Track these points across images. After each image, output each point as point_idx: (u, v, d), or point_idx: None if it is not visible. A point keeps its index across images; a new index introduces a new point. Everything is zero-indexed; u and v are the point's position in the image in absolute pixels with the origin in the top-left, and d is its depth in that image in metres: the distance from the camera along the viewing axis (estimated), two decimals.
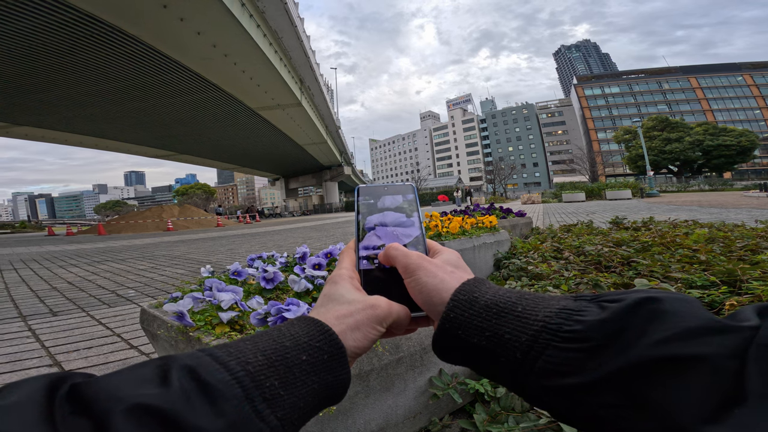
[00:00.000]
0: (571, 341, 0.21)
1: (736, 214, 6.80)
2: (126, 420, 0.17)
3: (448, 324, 0.27)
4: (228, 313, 0.83)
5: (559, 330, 0.22)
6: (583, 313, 0.22)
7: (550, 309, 0.23)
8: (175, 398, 0.18)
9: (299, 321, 0.27)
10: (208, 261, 5.23)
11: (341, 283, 0.32)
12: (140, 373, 0.20)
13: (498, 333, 0.24)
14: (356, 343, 0.27)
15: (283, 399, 0.22)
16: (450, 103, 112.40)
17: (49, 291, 3.56)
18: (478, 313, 0.26)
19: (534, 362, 0.22)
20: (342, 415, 0.82)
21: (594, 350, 0.20)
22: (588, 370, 0.20)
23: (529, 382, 0.23)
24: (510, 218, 3.99)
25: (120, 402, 0.17)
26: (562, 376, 0.21)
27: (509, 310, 0.25)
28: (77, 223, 30.63)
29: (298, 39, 18.60)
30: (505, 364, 0.24)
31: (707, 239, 2.16)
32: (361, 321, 0.28)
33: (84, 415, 0.17)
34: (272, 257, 1.43)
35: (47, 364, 1.74)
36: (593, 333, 0.20)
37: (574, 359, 0.20)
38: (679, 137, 42.72)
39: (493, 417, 0.84)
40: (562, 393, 0.21)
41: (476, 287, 0.28)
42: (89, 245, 9.84)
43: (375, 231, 0.37)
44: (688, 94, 72.31)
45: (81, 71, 15.98)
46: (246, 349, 0.23)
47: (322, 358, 0.25)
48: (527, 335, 0.23)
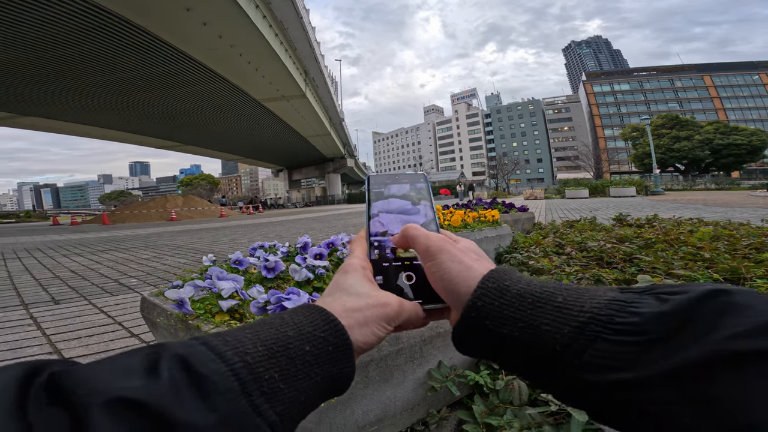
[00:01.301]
0: (625, 333, 0.20)
1: (741, 213, 6.73)
2: (105, 415, 0.15)
3: (475, 313, 0.25)
4: (228, 301, 0.83)
5: (610, 322, 0.20)
6: (638, 304, 0.20)
7: (597, 300, 0.22)
8: (162, 391, 0.17)
9: (303, 309, 0.26)
10: (210, 251, 5.26)
11: (352, 274, 0.30)
12: (126, 362, 0.18)
13: (533, 324, 0.23)
14: (364, 338, 0.26)
15: (283, 393, 0.21)
16: (454, 97, 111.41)
17: (52, 279, 3.59)
18: (509, 303, 0.24)
19: (577, 356, 0.21)
20: (341, 405, 0.82)
21: (652, 344, 0.19)
22: (644, 364, 0.19)
23: (568, 377, 0.21)
24: (512, 213, 3.98)
25: (100, 395, 0.16)
26: (612, 371, 0.19)
27: (547, 300, 0.23)
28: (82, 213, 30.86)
29: (303, 30, 18.50)
30: (539, 358, 0.22)
31: (712, 237, 2.14)
32: (371, 318, 0.27)
33: (60, 407, 0.16)
34: (274, 247, 1.43)
35: (47, 351, 1.76)
36: (652, 326, 0.19)
37: (628, 353, 0.19)
38: (688, 135, 42.27)
39: (491, 410, 0.85)
40: (607, 388, 0.20)
41: (506, 275, 0.26)
42: (93, 234, 9.92)
43: (378, 218, 0.36)
44: (700, 93, 71.29)
45: (88, 62, 15.99)
46: (245, 338, 0.21)
47: (327, 349, 0.23)
48: (570, 327, 0.21)
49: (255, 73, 19.10)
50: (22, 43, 13.76)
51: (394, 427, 0.98)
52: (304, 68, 22.66)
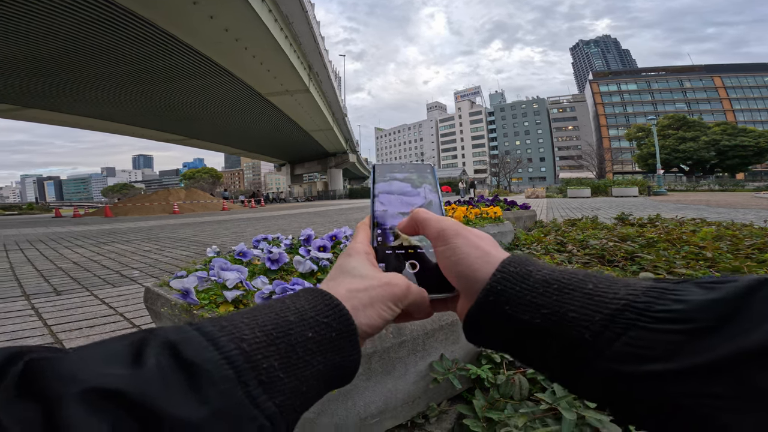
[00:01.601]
0: (667, 322, 0.18)
1: (744, 214, 6.71)
2: (78, 406, 0.14)
3: (493, 297, 0.24)
4: (233, 292, 0.83)
5: (648, 309, 0.19)
6: (681, 292, 0.19)
7: (633, 288, 0.20)
8: (146, 380, 0.15)
9: (306, 293, 0.24)
10: (212, 243, 5.28)
11: (355, 257, 0.29)
12: (111, 348, 0.17)
13: (559, 311, 0.21)
14: (369, 321, 0.25)
15: (282, 383, 0.19)
16: (458, 94, 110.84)
17: (54, 271, 3.60)
18: (532, 288, 0.23)
19: (609, 344, 0.19)
20: (342, 397, 0.83)
21: (698, 333, 0.17)
22: (687, 354, 0.17)
23: (594, 368, 0.20)
24: (514, 210, 3.97)
25: (75, 384, 0.14)
26: (647, 361, 0.18)
27: (576, 287, 0.22)
28: (84, 206, 30.94)
29: (308, 24, 18.48)
30: (562, 346, 0.21)
31: (715, 237, 2.14)
32: (376, 297, 0.25)
33: (33, 399, 0.14)
34: (277, 239, 1.44)
35: (48, 342, 1.77)
36: (699, 314, 0.18)
37: (668, 342, 0.18)
38: (694, 136, 42.01)
39: (491, 404, 0.85)
40: (641, 380, 0.18)
41: (528, 261, 0.25)
42: (95, 227, 9.97)
43: (378, 198, 0.35)
44: (710, 93, 70.46)
45: (93, 54, 15.97)
46: (242, 324, 0.20)
47: (330, 335, 0.22)
48: (602, 314, 0.20)
49: (260, 67, 19.08)
50: (26, 36, 13.74)
51: (394, 419, 0.99)
52: (308, 63, 22.61)
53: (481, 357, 1.04)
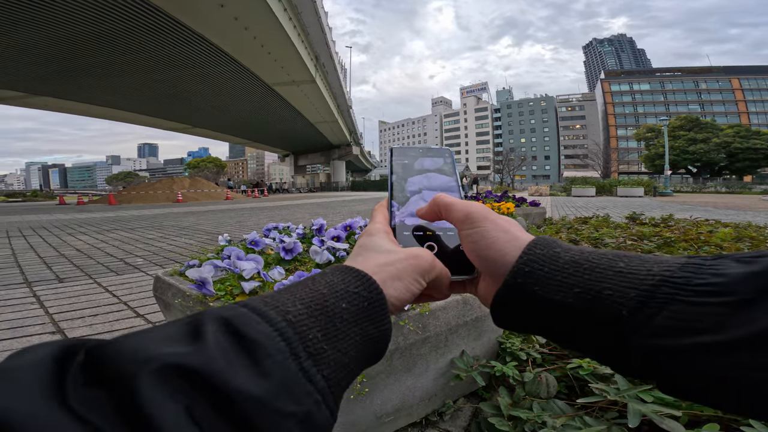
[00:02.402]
0: (709, 295, 0.18)
1: (753, 216, 6.62)
2: (155, 384, 0.14)
3: (522, 278, 0.23)
4: (250, 283, 0.80)
5: (687, 284, 0.19)
6: (719, 267, 0.19)
7: (667, 264, 0.20)
8: (211, 356, 0.15)
9: (334, 269, 0.24)
10: (217, 232, 5.27)
11: (377, 235, 0.29)
12: (167, 330, 0.17)
13: (593, 289, 0.21)
14: (397, 293, 0.24)
15: (327, 354, 0.19)
16: (464, 90, 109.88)
17: (57, 258, 3.58)
18: (562, 268, 0.23)
19: (649, 320, 0.19)
20: (360, 395, 0.80)
21: (741, 305, 0.17)
22: (731, 326, 0.17)
23: (636, 344, 0.20)
24: (523, 207, 3.93)
25: (147, 363, 0.14)
26: (692, 334, 0.18)
27: (606, 266, 0.22)
28: (89, 193, 31.01)
29: (316, 15, 18.34)
30: (599, 325, 0.21)
31: (734, 238, 2.08)
32: (403, 270, 0.25)
33: (102, 382, 0.14)
34: (288, 228, 1.40)
35: (50, 331, 1.74)
36: (741, 286, 0.18)
37: (712, 314, 0.18)
38: (705, 138, 41.53)
39: (516, 402, 0.82)
40: (686, 353, 0.18)
41: (555, 242, 0.25)
42: (99, 214, 9.99)
43: (422, 195, 0.34)
44: (725, 95, 69.09)
45: (103, 42, 15.92)
46: (283, 299, 0.20)
47: (363, 305, 0.22)
48: (638, 290, 0.20)
49: (267, 56, 19.02)
50: (41, 23, 13.68)
51: (409, 417, 0.96)
52: (315, 53, 22.46)
53: (504, 354, 1.00)
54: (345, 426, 0.82)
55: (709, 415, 0.65)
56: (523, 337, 1.03)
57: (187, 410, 0.14)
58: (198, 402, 0.14)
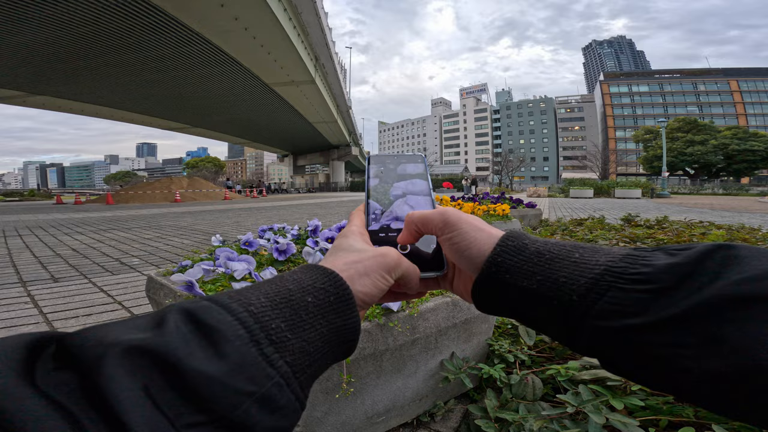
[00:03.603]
0: (638, 282, 0.21)
1: (749, 218, 6.66)
2: (119, 364, 0.15)
3: (495, 268, 0.27)
4: (241, 283, 0.81)
5: (624, 273, 0.22)
6: (649, 258, 0.22)
7: (612, 255, 0.24)
8: (171, 340, 0.17)
9: (302, 268, 0.26)
10: (214, 232, 5.26)
11: (351, 236, 0.31)
12: (134, 322, 0.18)
13: (551, 277, 0.24)
14: (365, 289, 0.26)
15: (291, 342, 0.21)
16: (464, 91, 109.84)
17: (53, 257, 3.58)
18: (528, 258, 0.26)
19: (593, 304, 0.22)
20: (351, 396, 0.80)
21: (662, 291, 0.20)
22: (654, 310, 0.20)
23: (583, 326, 0.23)
24: (520, 208, 3.94)
25: (111, 346, 0.16)
26: (624, 317, 0.21)
27: (564, 256, 0.25)
28: (86, 193, 30.87)
29: (316, 15, 18.34)
30: (556, 308, 0.24)
31: (726, 240, 2.10)
32: (370, 267, 0.27)
33: (69, 366, 0.15)
34: (283, 229, 1.41)
35: (44, 330, 1.74)
36: (663, 275, 0.21)
37: (640, 300, 0.21)
38: (703, 140, 41.62)
39: (503, 404, 0.83)
40: (620, 333, 0.21)
41: (524, 235, 0.28)
42: (96, 214, 9.97)
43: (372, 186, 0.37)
44: (724, 97, 69.09)
45: (103, 41, 15.89)
46: (247, 293, 0.22)
47: (329, 299, 0.24)
48: (587, 278, 0.23)
49: (267, 56, 19.00)
50: (36, 24, 13.64)
51: (401, 417, 0.97)
52: (315, 54, 22.46)
53: (492, 356, 1.01)
54: (335, 426, 0.82)
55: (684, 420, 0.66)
56: (511, 340, 1.04)
57: (144, 387, 0.15)
58: (155, 380, 0.15)
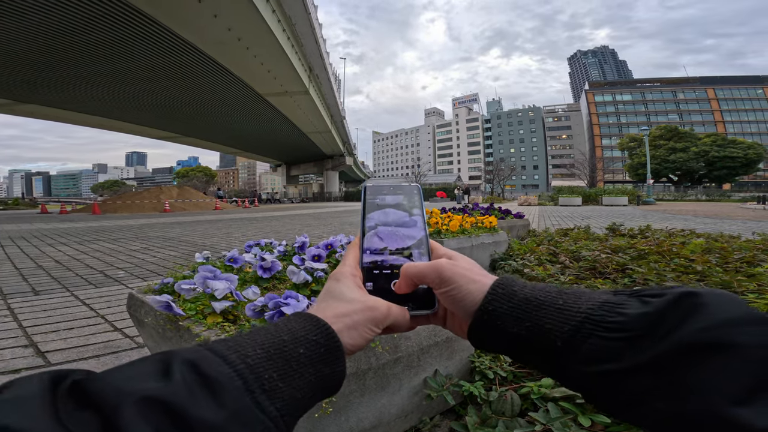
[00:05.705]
0: (614, 331, 0.23)
1: (730, 225, 6.84)
2: (135, 413, 0.17)
3: (486, 316, 0.29)
4: (222, 303, 0.81)
5: (602, 321, 0.24)
6: (625, 306, 0.24)
7: (592, 302, 0.25)
8: (178, 391, 0.19)
9: (297, 317, 0.28)
10: (203, 244, 5.20)
11: (343, 281, 0.33)
12: (142, 368, 0.20)
13: (538, 324, 0.26)
14: (352, 341, 0.28)
15: (282, 391, 0.23)
16: (456, 101, 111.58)
17: (34, 269, 3.49)
18: (517, 305, 0.28)
19: (576, 350, 0.24)
20: (335, 414, 0.81)
21: (635, 339, 0.22)
22: (629, 356, 0.22)
23: (569, 368, 0.25)
24: (508, 219, 3.99)
25: (128, 396, 0.18)
26: (603, 362, 0.23)
27: (549, 303, 0.27)
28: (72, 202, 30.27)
29: (310, 26, 18.43)
30: (544, 352, 0.26)
31: (704, 249, 2.16)
32: (359, 321, 0.29)
33: (90, 409, 0.17)
34: (270, 245, 1.41)
35: (23, 344, 1.69)
36: (635, 324, 0.23)
37: (616, 347, 0.22)
38: (684, 147, 42.80)
39: (483, 420, 0.84)
40: (601, 377, 0.23)
41: (513, 282, 0.30)
42: (82, 224, 9.77)
43: (377, 231, 0.36)
44: (702, 105, 71.48)
45: (93, 50, 15.69)
46: (245, 343, 0.24)
47: (319, 351, 0.26)
48: (570, 326, 0.25)
49: (260, 67, 18.96)
50: (26, 33, 13.47)
51: None
52: (308, 64, 22.54)
53: (474, 373, 1.02)
54: None
55: None
56: (492, 356, 1.06)
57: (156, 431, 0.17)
58: (166, 426, 0.18)
